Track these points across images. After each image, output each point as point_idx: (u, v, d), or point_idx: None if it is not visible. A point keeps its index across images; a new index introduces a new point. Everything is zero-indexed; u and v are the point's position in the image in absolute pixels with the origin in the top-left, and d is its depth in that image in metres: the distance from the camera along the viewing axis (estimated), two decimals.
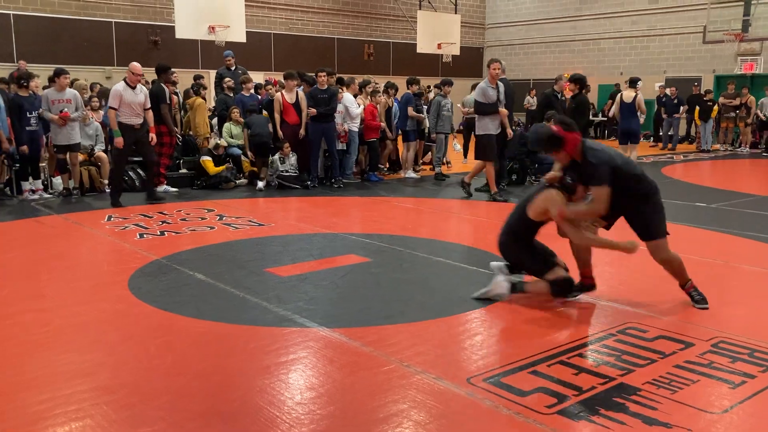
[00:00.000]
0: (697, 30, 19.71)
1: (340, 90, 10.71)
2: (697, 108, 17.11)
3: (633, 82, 11.90)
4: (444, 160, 12.17)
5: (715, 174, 13.48)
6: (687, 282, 4.64)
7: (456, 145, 13.50)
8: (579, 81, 9.94)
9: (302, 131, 10.08)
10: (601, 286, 5.07)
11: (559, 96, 10.70)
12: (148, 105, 8.70)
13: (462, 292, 4.95)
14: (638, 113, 11.66)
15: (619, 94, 12.26)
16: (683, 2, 20.55)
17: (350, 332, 4.02)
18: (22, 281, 5.18)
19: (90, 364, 3.54)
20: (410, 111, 11.39)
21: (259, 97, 11.53)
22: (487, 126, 8.98)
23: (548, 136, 4.42)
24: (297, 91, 10.29)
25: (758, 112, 17.56)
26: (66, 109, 8.89)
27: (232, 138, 10.61)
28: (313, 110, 9.96)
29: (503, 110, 9.12)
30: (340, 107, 10.51)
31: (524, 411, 3.04)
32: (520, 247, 4.71)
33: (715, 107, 17.05)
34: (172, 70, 10.42)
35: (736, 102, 17.30)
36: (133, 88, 8.49)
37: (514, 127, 11.44)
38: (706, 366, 3.55)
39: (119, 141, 8.44)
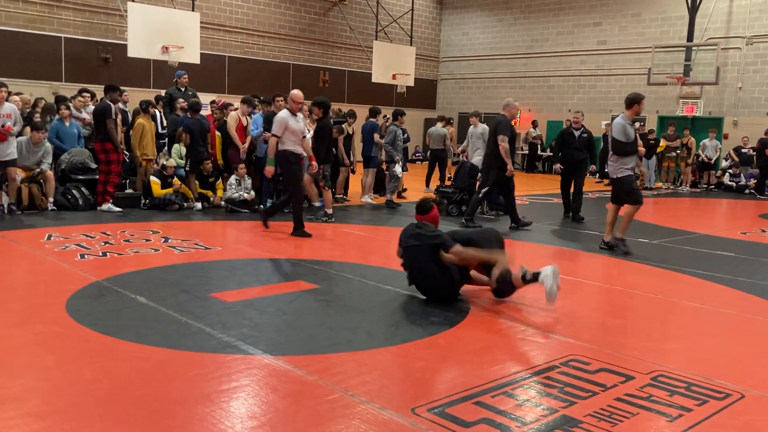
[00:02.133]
0: (642, 72, 20.49)
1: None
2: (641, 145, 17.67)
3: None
4: (400, 188, 12.30)
5: (657, 211, 13.89)
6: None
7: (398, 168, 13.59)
8: (322, 105, 9.48)
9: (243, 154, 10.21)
10: (546, 318, 5.15)
11: (574, 132, 10.99)
12: (306, 133, 8.42)
13: (409, 321, 4.95)
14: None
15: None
16: (629, 45, 21.38)
17: (295, 360, 3.96)
18: None
19: (20, 388, 3.39)
20: (377, 138, 11.52)
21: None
22: (626, 166, 8.06)
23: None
24: (247, 117, 10.43)
25: (700, 152, 18.30)
26: (8, 123, 8.63)
27: (182, 159, 10.47)
28: (269, 134, 9.91)
29: (641, 149, 8.53)
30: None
31: None
32: None
33: (662, 144, 17.68)
34: (122, 90, 10.28)
35: (676, 143, 17.98)
36: (295, 115, 8.21)
37: (461, 159, 11.65)
38: (646, 399, 3.61)
39: (269, 170, 8.24)
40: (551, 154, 22.52)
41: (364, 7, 22.75)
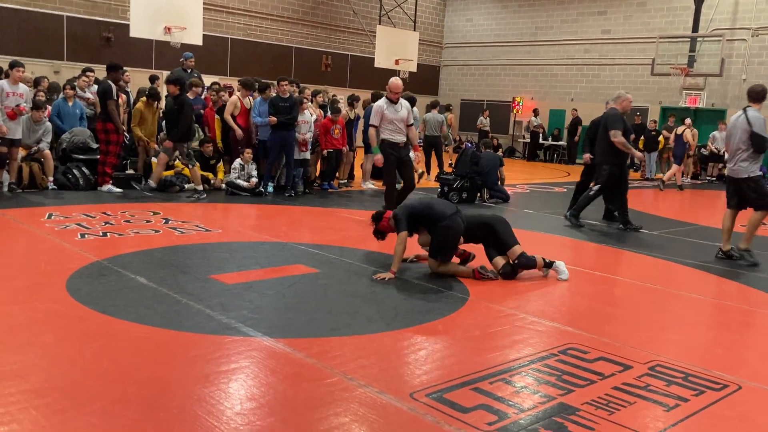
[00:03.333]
0: (646, 62, 20.41)
1: (305, 100, 10.70)
2: (642, 138, 17.63)
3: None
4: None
5: (657, 202, 13.89)
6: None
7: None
8: (177, 82, 9.09)
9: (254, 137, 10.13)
10: (545, 307, 5.16)
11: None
12: (411, 121, 8.23)
13: (408, 307, 4.96)
14: None
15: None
16: (634, 34, 21.27)
17: (294, 343, 3.98)
18: None
19: (21, 365, 3.40)
20: None
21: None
22: (757, 165, 7.24)
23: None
24: (249, 98, 10.36)
25: (709, 144, 18.26)
26: (23, 104, 8.67)
27: None
28: (273, 119, 9.89)
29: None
30: (306, 117, 10.52)
31: (465, 427, 3.05)
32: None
33: (661, 138, 17.61)
34: (124, 69, 10.21)
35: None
36: (395, 103, 8.06)
37: (463, 145, 11.61)
38: (643, 389, 3.63)
39: (378, 158, 8.13)
40: (554, 142, 22.52)
41: None
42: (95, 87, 10.33)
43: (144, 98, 10.31)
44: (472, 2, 25.53)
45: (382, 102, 8.08)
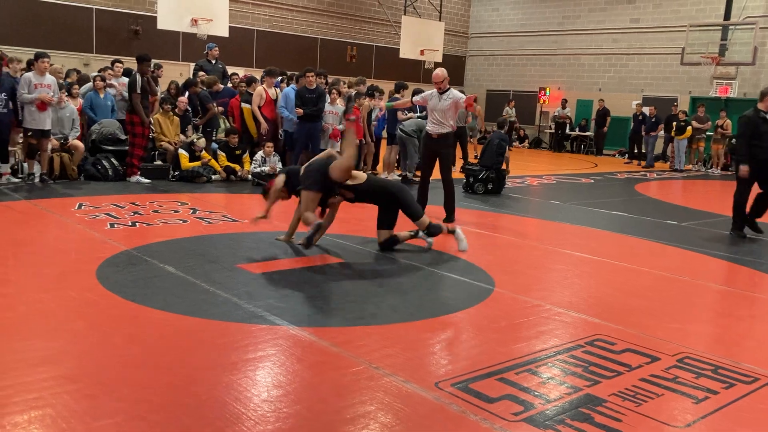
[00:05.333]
0: (676, 51, 20.06)
1: (333, 92, 10.71)
2: (674, 126, 17.39)
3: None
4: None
5: (686, 193, 13.70)
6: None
7: None
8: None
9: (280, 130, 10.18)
10: (571, 297, 5.12)
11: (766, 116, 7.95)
12: (451, 113, 7.98)
13: (433, 297, 4.96)
14: None
15: None
16: (663, 23, 20.91)
17: (320, 332, 4.00)
18: None
19: (53, 351, 3.47)
20: (400, 114, 11.45)
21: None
22: None
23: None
24: (275, 89, 10.37)
25: None
26: (51, 94, 8.80)
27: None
28: (300, 110, 9.92)
29: None
30: (335, 108, 10.54)
31: (491, 417, 3.04)
32: None
33: (689, 128, 17.34)
34: (159, 64, 10.29)
35: (707, 125, 17.62)
36: (441, 94, 7.95)
37: (505, 130, 11.51)
38: (671, 380, 3.59)
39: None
40: (581, 133, 22.26)
41: None
42: (124, 78, 10.44)
43: (160, 108, 10.37)
44: None
45: (432, 90, 8.06)
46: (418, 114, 11.65)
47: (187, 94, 11.06)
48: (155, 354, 3.54)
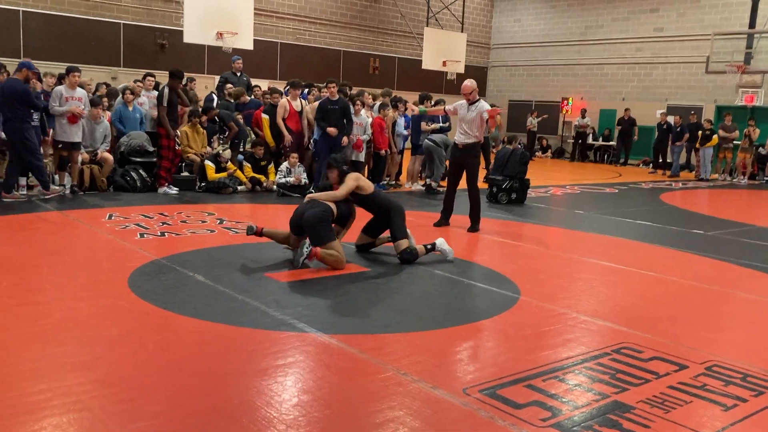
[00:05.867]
0: (700, 60, 19.92)
1: (358, 103, 10.82)
2: (700, 135, 17.24)
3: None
4: None
5: (713, 203, 13.56)
6: None
7: None
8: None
9: (307, 140, 10.28)
10: (597, 306, 5.12)
11: None
12: (477, 123, 8.05)
13: (459, 306, 4.99)
14: None
15: None
16: (687, 32, 20.78)
17: (348, 339, 4.05)
18: (22, 274, 5.19)
19: (89, 357, 3.56)
20: (423, 125, 11.51)
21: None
22: None
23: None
24: (300, 100, 10.48)
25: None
26: (82, 107, 9.00)
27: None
28: (333, 130, 10.01)
29: None
30: (359, 119, 10.65)
31: (519, 423, 3.07)
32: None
33: (714, 137, 17.18)
34: (192, 77, 10.46)
35: (734, 135, 17.44)
36: (469, 105, 8.07)
37: (514, 146, 11.54)
38: (700, 388, 3.58)
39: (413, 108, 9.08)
40: (604, 143, 22.14)
41: None
42: (155, 92, 10.64)
43: (189, 120, 10.52)
44: (520, 3, 25.33)
45: (463, 101, 8.16)
46: (441, 124, 11.72)
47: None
48: (188, 360, 3.61)
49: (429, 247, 6.31)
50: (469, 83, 8.05)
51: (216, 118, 10.96)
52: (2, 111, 8.56)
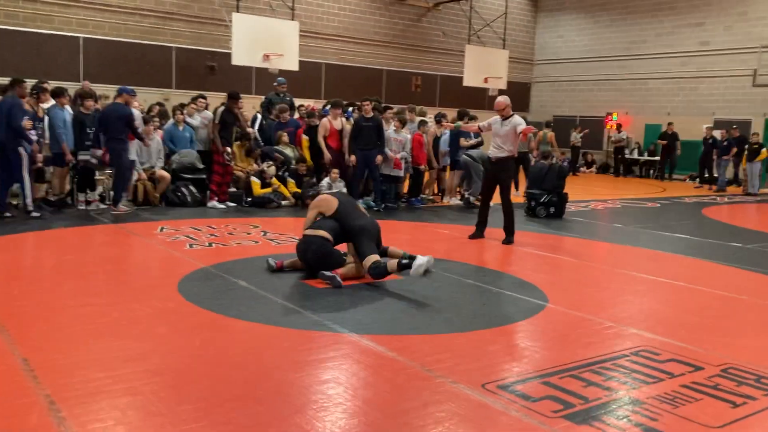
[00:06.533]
0: (748, 73, 19.67)
1: (398, 121, 11.21)
2: (746, 150, 17.03)
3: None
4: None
5: (757, 216, 13.41)
6: None
7: None
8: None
9: (348, 158, 10.65)
10: (623, 313, 5.28)
11: None
12: (511, 138, 8.21)
13: (486, 312, 5.23)
14: None
15: None
16: (734, 45, 20.55)
17: (377, 339, 4.33)
18: (82, 280, 5.65)
19: (142, 350, 3.93)
20: (463, 141, 11.78)
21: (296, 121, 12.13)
22: None
23: None
24: (341, 119, 10.87)
25: None
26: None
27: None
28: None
29: None
30: (399, 136, 11.02)
31: (531, 414, 3.30)
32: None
33: (763, 151, 16.93)
34: (241, 99, 11.01)
35: None
36: (503, 120, 8.25)
37: (549, 162, 11.69)
38: (712, 387, 3.74)
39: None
40: (650, 158, 21.97)
41: (457, 12, 23.00)
42: (207, 112, 11.18)
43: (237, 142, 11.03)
44: (563, 18, 25.42)
45: (497, 116, 8.36)
46: (477, 140, 11.97)
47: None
48: (230, 354, 3.96)
49: (404, 263, 5.65)
50: (502, 99, 8.31)
51: (260, 156, 11.44)
52: (105, 132, 9.30)
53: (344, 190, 10.71)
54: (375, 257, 5.86)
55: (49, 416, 3.06)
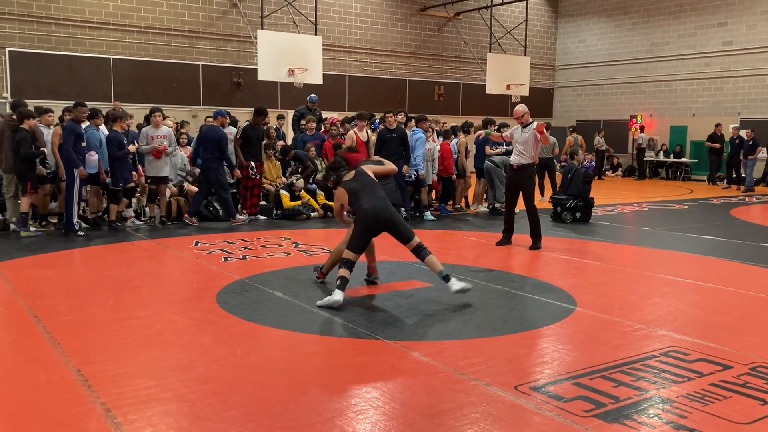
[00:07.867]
0: None
1: (429, 130, 11.41)
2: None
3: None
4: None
5: None
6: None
7: None
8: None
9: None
10: (651, 315, 5.36)
11: None
12: (532, 144, 8.34)
13: (516, 316, 5.34)
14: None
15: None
16: (758, 44, 20.40)
17: (411, 344, 4.48)
18: (125, 294, 5.87)
19: (186, 360, 4.13)
20: (488, 149, 11.89)
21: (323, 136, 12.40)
22: None
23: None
24: (366, 131, 11.05)
25: None
26: (165, 143, 9.83)
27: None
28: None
29: None
30: (429, 145, 11.21)
31: (563, 413, 3.41)
32: None
33: None
34: (268, 116, 11.32)
35: None
36: (523, 127, 8.45)
37: (576, 160, 11.75)
38: (741, 386, 3.82)
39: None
40: (676, 160, 21.82)
41: (477, 21, 23.16)
42: (231, 128, 11.43)
43: (264, 153, 11.26)
44: (584, 23, 25.43)
45: (518, 125, 8.56)
46: (506, 147, 12.06)
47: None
48: (271, 361, 4.13)
49: (341, 282, 5.49)
50: (520, 108, 8.46)
51: (293, 159, 11.68)
52: (201, 151, 10.10)
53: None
54: (348, 259, 5.63)
55: (106, 423, 3.25)
